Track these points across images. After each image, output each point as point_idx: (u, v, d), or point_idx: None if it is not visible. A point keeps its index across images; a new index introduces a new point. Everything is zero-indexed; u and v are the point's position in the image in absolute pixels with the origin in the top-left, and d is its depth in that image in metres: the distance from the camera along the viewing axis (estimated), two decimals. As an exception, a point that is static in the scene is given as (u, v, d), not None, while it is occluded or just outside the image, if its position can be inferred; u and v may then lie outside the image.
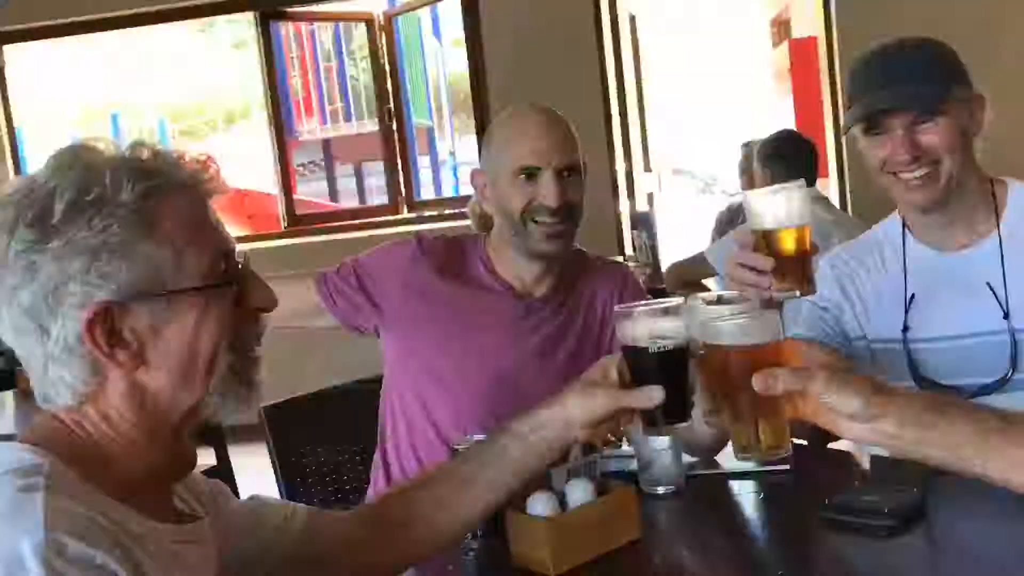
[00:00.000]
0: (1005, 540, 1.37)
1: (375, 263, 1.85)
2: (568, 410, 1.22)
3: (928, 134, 1.60)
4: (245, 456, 3.30)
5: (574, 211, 1.75)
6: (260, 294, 1.01)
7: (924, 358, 1.69)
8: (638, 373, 1.19)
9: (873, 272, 1.78)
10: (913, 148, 1.59)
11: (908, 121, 1.60)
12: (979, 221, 1.68)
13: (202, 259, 0.95)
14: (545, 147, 1.72)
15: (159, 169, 0.96)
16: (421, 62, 9.38)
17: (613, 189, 5.67)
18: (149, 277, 0.92)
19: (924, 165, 1.60)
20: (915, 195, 1.63)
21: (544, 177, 1.72)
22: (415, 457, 1.80)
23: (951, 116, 1.60)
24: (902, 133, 1.60)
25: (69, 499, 0.84)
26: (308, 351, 4.42)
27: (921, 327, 1.70)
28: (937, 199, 1.63)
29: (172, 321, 0.94)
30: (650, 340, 1.16)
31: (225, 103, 11.81)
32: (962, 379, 1.65)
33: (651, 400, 1.16)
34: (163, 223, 0.93)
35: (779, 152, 3.51)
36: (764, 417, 1.08)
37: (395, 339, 1.82)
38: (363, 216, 6.27)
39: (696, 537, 1.51)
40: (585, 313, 1.86)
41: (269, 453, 2.01)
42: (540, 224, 1.73)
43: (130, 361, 0.94)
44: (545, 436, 1.24)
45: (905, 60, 1.63)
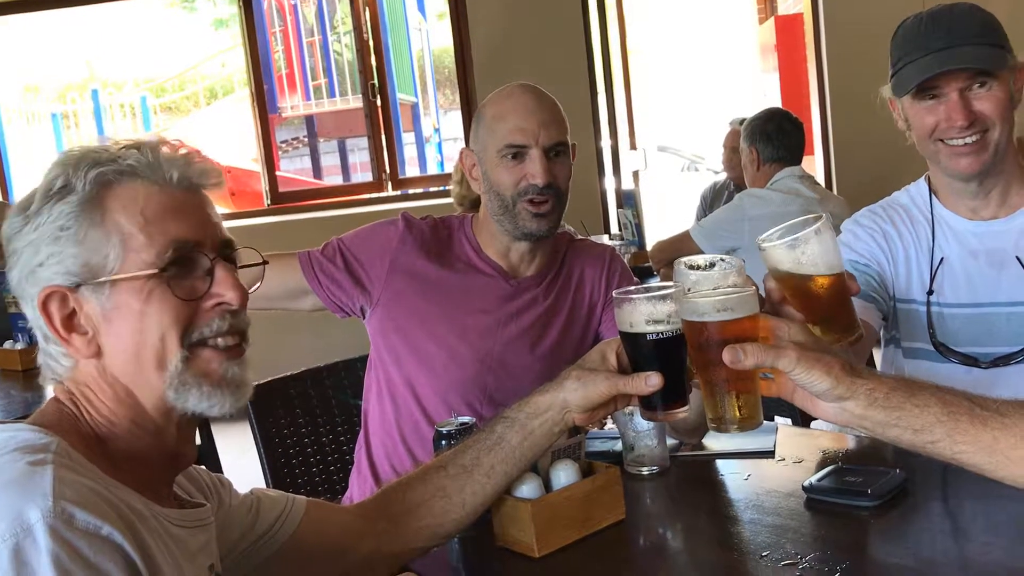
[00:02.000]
0: (986, 519, 1.38)
1: (361, 243, 1.83)
2: (565, 394, 1.22)
3: (982, 99, 1.58)
4: (228, 435, 3.30)
5: (561, 190, 1.74)
6: (223, 289, 0.98)
7: (944, 323, 1.68)
8: (636, 358, 1.18)
9: (904, 234, 1.76)
10: (968, 113, 1.58)
11: (964, 85, 1.58)
12: (1012, 193, 1.68)
13: (150, 248, 0.95)
14: (532, 125, 1.71)
15: (114, 158, 0.96)
16: (405, 37, 9.32)
17: (598, 166, 5.65)
18: (96, 264, 0.94)
19: (976, 131, 1.59)
20: (962, 162, 1.61)
21: (531, 155, 1.71)
22: (400, 437, 1.80)
23: (1003, 82, 1.59)
24: (957, 96, 1.58)
25: (76, 474, 0.85)
26: (291, 331, 4.40)
27: (945, 292, 1.69)
28: (983, 167, 1.62)
29: (119, 308, 0.94)
30: (648, 326, 1.16)
31: (207, 79, 11.68)
32: (980, 347, 1.65)
33: (649, 386, 1.15)
34: (113, 210, 0.94)
35: (763, 130, 3.51)
36: (736, 391, 1.08)
37: (381, 319, 1.81)
38: (347, 193, 6.24)
39: (681, 518, 1.51)
40: (573, 294, 1.85)
41: (252, 433, 2.00)
42: (527, 203, 1.72)
43: (86, 348, 0.95)
44: (543, 422, 1.24)
45: (962, 22, 1.60)
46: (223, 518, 1.12)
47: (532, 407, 1.24)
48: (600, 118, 5.67)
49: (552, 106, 1.76)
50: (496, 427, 1.26)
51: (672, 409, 1.19)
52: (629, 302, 1.16)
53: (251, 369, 1.02)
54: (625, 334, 1.18)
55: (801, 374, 1.03)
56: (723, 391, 1.08)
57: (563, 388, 1.22)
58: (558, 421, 1.24)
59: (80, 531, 0.80)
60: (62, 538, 0.79)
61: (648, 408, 1.20)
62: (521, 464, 1.26)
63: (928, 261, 1.72)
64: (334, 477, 2.05)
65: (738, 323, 1.06)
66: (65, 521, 0.80)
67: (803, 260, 1.18)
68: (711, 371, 1.08)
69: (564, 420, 1.24)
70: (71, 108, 10.29)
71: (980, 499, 1.43)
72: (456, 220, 1.89)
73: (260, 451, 1.98)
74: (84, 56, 11.51)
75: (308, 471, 2.03)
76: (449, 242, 1.85)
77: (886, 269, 1.75)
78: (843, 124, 5.35)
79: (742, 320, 1.07)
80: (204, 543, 1.00)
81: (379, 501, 1.28)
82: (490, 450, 1.25)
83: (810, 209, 3.31)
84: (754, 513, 1.43)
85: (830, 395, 1.04)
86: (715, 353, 1.05)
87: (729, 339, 1.05)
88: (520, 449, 1.25)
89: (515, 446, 1.25)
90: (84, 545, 0.80)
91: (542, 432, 1.24)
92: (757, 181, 3.52)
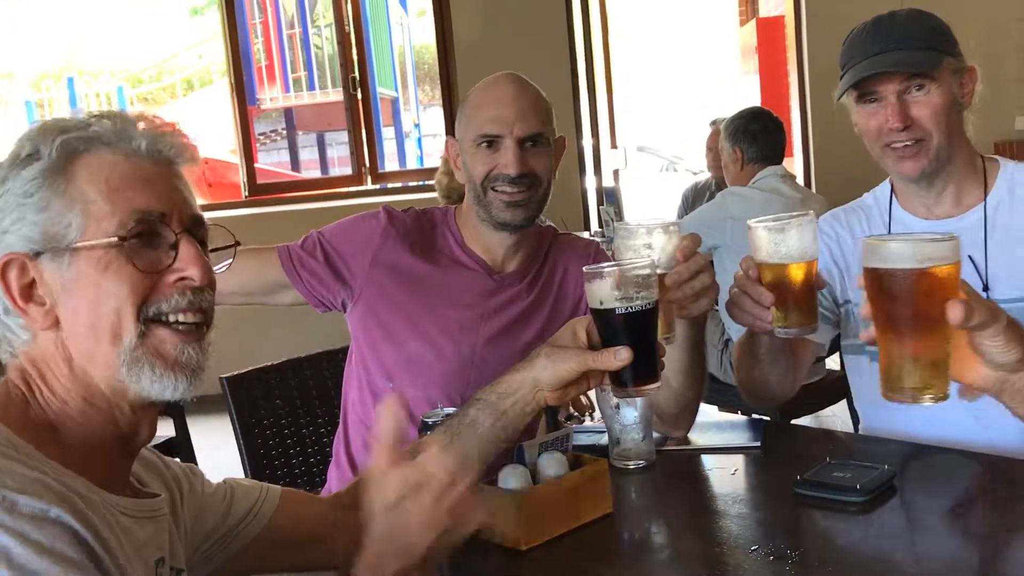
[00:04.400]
0: (973, 514, 1.38)
1: (342, 236, 1.80)
2: (536, 372, 1.22)
3: (919, 103, 1.60)
4: (205, 427, 3.26)
5: (537, 181, 1.71)
6: (186, 264, 0.95)
7: None
8: (607, 334, 1.18)
9: (859, 235, 1.78)
10: (904, 116, 1.60)
11: (901, 88, 1.60)
12: (967, 193, 1.69)
13: (112, 217, 0.92)
14: (507, 115, 1.69)
15: (84, 126, 0.94)
16: (387, 32, 9.27)
17: (580, 165, 5.65)
18: (57, 232, 0.92)
19: (912, 135, 1.61)
20: (905, 165, 1.64)
21: (504, 145, 1.69)
22: (380, 431, 1.77)
23: (942, 85, 1.60)
24: (895, 100, 1.61)
25: (16, 463, 0.83)
26: (271, 321, 4.36)
27: None
28: (926, 169, 1.63)
29: (79, 279, 0.92)
30: (617, 301, 1.15)
31: (185, 69, 11.57)
32: None
33: (619, 360, 1.14)
34: (78, 179, 0.92)
35: (746, 130, 3.51)
36: (934, 355, 1.03)
37: (362, 313, 1.78)
38: (326, 186, 6.20)
39: (667, 512, 1.50)
40: (557, 289, 1.83)
41: (232, 424, 1.97)
42: (500, 192, 1.70)
43: (43, 319, 0.93)
44: (515, 401, 1.23)
45: (898, 27, 1.64)
46: (196, 507, 1.10)
47: (503, 387, 1.24)
48: (582, 117, 5.66)
49: (533, 97, 1.73)
50: (469, 410, 1.26)
51: (643, 385, 1.19)
52: (599, 278, 1.16)
53: (212, 356, 0.99)
54: (595, 310, 1.18)
55: (1000, 340, 1.04)
56: (926, 354, 1.03)
57: (533, 367, 1.22)
58: (530, 400, 1.23)
59: (26, 516, 0.78)
60: (6, 525, 0.77)
61: (619, 384, 1.19)
62: (495, 445, 1.26)
63: None
64: (314, 470, 2.02)
65: (948, 274, 1.00)
66: (8, 509, 0.78)
67: (781, 248, 1.39)
68: (907, 330, 1.00)
69: (536, 399, 1.23)
70: (46, 96, 10.16)
71: (968, 495, 1.43)
72: (439, 212, 1.86)
73: (239, 443, 1.95)
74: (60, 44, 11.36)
75: (287, 463, 2.00)
76: (432, 235, 1.82)
77: (836, 279, 1.78)
78: (823, 125, 5.37)
79: (951, 269, 1.01)
80: (152, 534, 0.97)
81: (355, 489, 1.26)
82: (464, 433, 1.25)
83: (791, 208, 3.32)
84: (742, 508, 1.42)
85: (1013, 365, 1.07)
86: (916, 308, 0.98)
87: (933, 294, 0.99)
88: (494, 430, 1.24)
89: (489, 427, 1.24)
90: (32, 529, 0.78)
91: (515, 412, 1.24)
92: (739, 180, 3.52)
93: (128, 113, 0.97)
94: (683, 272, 1.39)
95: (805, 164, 5.59)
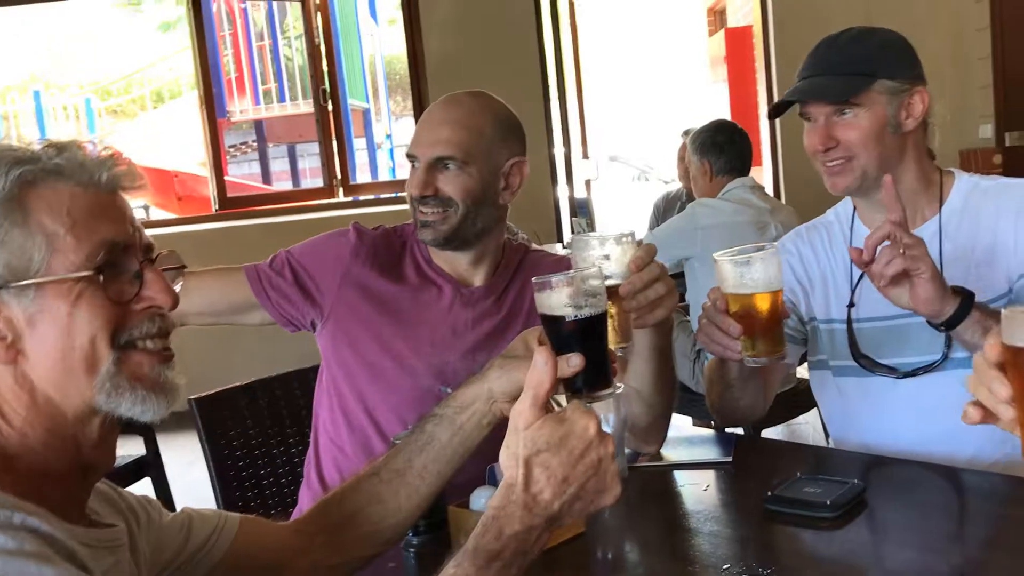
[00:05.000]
0: (944, 528, 1.39)
1: (311, 255, 1.78)
2: (490, 384, 1.22)
3: (844, 126, 1.64)
4: (175, 445, 3.22)
5: (447, 203, 1.70)
6: (154, 292, 0.95)
7: (865, 337, 1.72)
8: (558, 342, 1.18)
9: (820, 254, 1.81)
10: (826, 139, 1.65)
11: (829, 111, 1.65)
12: (921, 208, 1.71)
13: (79, 250, 0.91)
14: (424, 138, 1.72)
15: (37, 157, 0.93)
16: (357, 42, 9.26)
17: (552, 175, 5.66)
18: (20, 265, 0.90)
19: (838, 155, 1.65)
20: (831, 181, 1.68)
21: (418, 166, 1.72)
22: (351, 452, 1.76)
23: (870, 109, 1.63)
24: (823, 121, 1.65)
25: None
26: (240, 340, 4.33)
27: (863, 307, 1.73)
28: (851, 186, 1.67)
29: (45, 311, 0.91)
30: (567, 308, 1.16)
31: (154, 82, 11.48)
32: (899, 358, 1.68)
33: (571, 367, 1.15)
34: (37, 211, 0.91)
35: (714, 142, 3.53)
36: None
37: (332, 334, 1.77)
38: (297, 199, 6.17)
39: (640, 530, 1.50)
40: (528, 304, 1.83)
41: (201, 444, 1.94)
42: (416, 211, 1.73)
43: (5, 352, 0.91)
44: (471, 415, 1.23)
45: (832, 52, 1.68)
46: (154, 538, 1.09)
47: (459, 401, 1.24)
48: (553, 127, 5.68)
49: (460, 119, 1.72)
50: (426, 426, 1.25)
51: (597, 391, 1.19)
52: (548, 287, 1.17)
53: (181, 375, 0.99)
54: (545, 317, 1.19)
55: None
56: None
57: (487, 378, 1.22)
58: (486, 413, 1.23)
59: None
60: None
61: (573, 391, 1.20)
62: (454, 461, 1.24)
63: (847, 278, 1.75)
64: (285, 490, 2.00)
65: None
66: None
67: (747, 280, 1.45)
68: None
69: (492, 411, 1.23)
70: (11, 109, 10.04)
71: (937, 508, 1.45)
72: (410, 228, 1.86)
73: (209, 464, 1.92)
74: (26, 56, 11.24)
75: (259, 484, 1.98)
76: (401, 252, 1.81)
77: (800, 298, 1.80)
78: (791, 134, 5.42)
79: None
80: (111, 565, 0.96)
81: (315, 514, 1.25)
82: (421, 450, 1.23)
83: (761, 219, 3.35)
84: (714, 525, 1.42)
85: None
86: None
87: None
88: (451, 446, 1.23)
89: (445, 443, 1.23)
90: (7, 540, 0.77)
91: (471, 426, 1.23)
92: (709, 192, 3.53)
93: (70, 142, 0.96)
94: (636, 282, 1.40)
95: (774, 174, 5.64)
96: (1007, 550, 1.27)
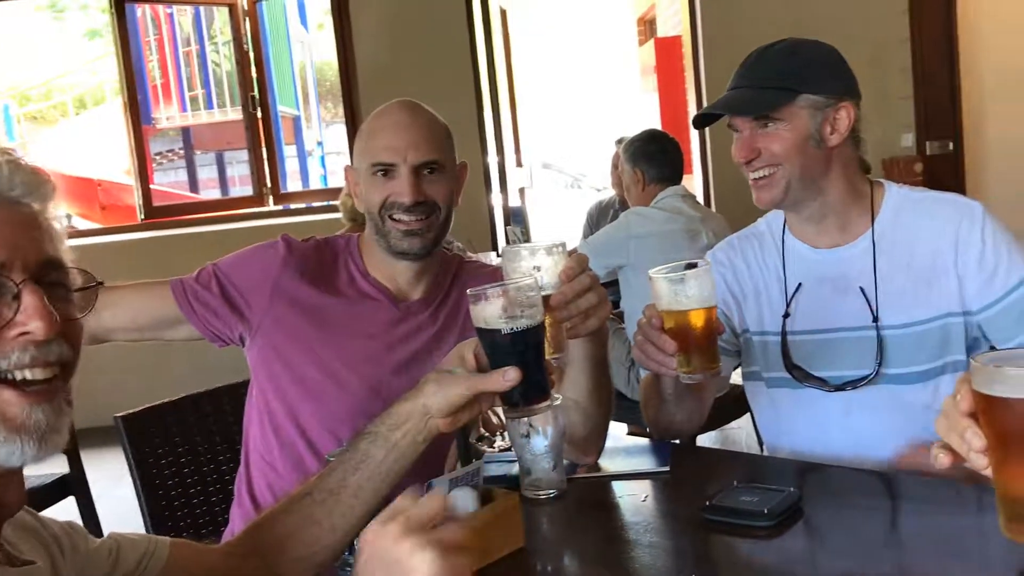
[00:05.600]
0: (878, 533, 1.41)
1: (239, 268, 1.74)
2: (425, 399, 1.19)
3: (767, 138, 1.65)
4: (101, 462, 3.12)
5: (435, 209, 1.70)
6: (26, 318, 0.86)
7: (797, 350, 1.73)
8: (494, 355, 1.17)
9: (753, 265, 1.82)
10: (749, 151, 1.66)
11: (752, 124, 1.66)
12: (852, 222, 1.72)
13: None
14: (401, 144, 1.68)
15: None
16: (287, 48, 9.14)
17: (486, 183, 5.65)
18: None
19: (761, 168, 1.66)
20: (757, 194, 1.69)
21: (399, 173, 1.67)
22: (283, 470, 1.71)
23: (792, 122, 1.64)
24: (748, 134, 1.66)
25: None
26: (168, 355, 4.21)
27: (797, 319, 1.74)
28: (777, 200, 1.68)
29: None
30: (502, 321, 1.14)
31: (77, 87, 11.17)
32: (831, 371, 1.70)
33: (507, 381, 1.13)
34: None
35: (645, 151, 3.57)
36: None
37: (262, 348, 1.72)
38: (226, 208, 6.05)
39: (580, 543, 1.49)
40: (463, 317, 1.81)
41: (127, 463, 1.88)
42: (397, 221, 1.68)
43: None
44: (405, 432, 1.20)
45: (760, 64, 1.68)
46: (79, 566, 1.04)
47: (393, 418, 1.21)
48: (487, 135, 5.67)
49: (428, 124, 1.72)
50: (360, 444, 1.21)
51: (534, 404, 1.18)
52: (483, 299, 1.15)
53: (67, 414, 0.89)
54: (481, 330, 1.17)
55: None
56: None
57: (422, 394, 1.19)
58: (421, 429, 1.20)
59: None
60: None
61: (510, 405, 1.19)
62: (389, 479, 1.21)
63: (780, 290, 1.77)
64: (216, 509, 1.95)
65: None
66: None
67: (681, 297, 1.45)
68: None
69: (428, 427, 1.20)
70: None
71: (872, 514, 1.46)
72: (342, 241, 1.82)
73: (136, 485, 1.86)
74: (-61, 61, 10.84)
75: (188, 503, 1.93)
76: (334, 264, 1.78)
77: (733, 310, 1.81)
78: (721, 144, 5.49)
79: None
80: None
81: (248, 537, 1.21)
82: (355, 469, 1.20)
83: (692, 227, 3.39)
84: (653, 536, 1.42)
85: None
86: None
87: None
88: (386, 463, 1.20)
89: (380, 461, 1.20)
90: None
91: (407, 443, 1.20)
92: (641, 201, 3.56)
93: None
94: (568, 292, 1.40)
95: (704, 182, 5.71)
96: (942, 553, 1.29)
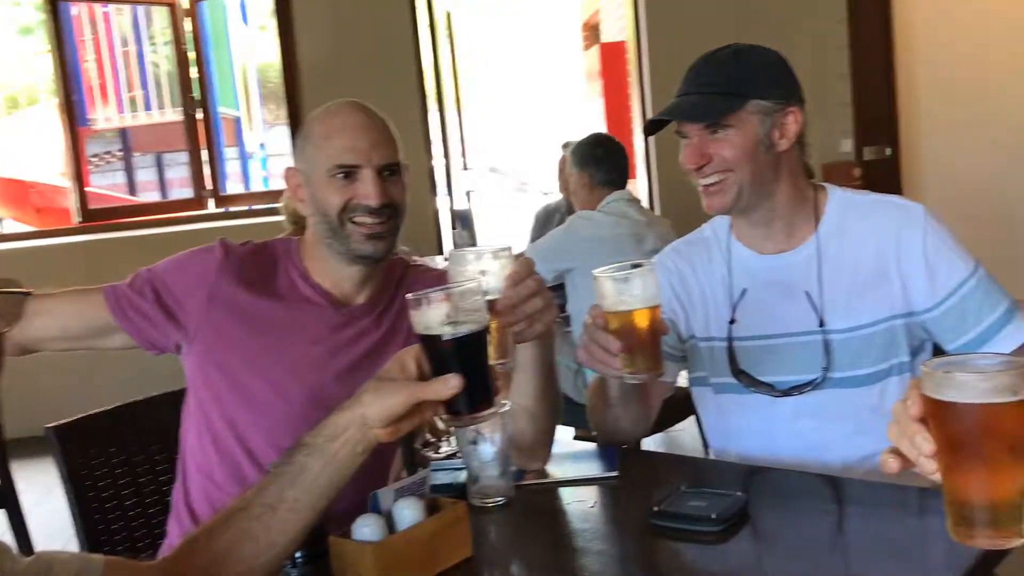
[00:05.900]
0: (824, 537, 1.42)
1: (174, 274, 1.68)
2: (364, 409, 1.15)
3: (717, 144, 1.65)
4: (30, 473, 3.02)
5: (397, 211, 1.68)
6: None
7: (744, 355, 1.73)
8: (436, 362, 1.14)
9: (699, 271, 1.82)
10: (700, 157, 1.65)
11: (701, 130, 1.65)
12: (798, 227, 1.73)
13: None
14: (364, 145, 1.64)
15: None
16: (227, 49, 8.98)
17: (431, 186, 5.61)
18: None
19: (713, 173, 1.66)
20: (708, 200, 1.69)
21: (363, 176, 1.63)
22: (222, 481, 1.67)
23: (741, 127, 1.64)
24: (696, 140, 1.66)
25: None
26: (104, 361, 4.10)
27: (743, 325, 1.74)
28: (728, 206, 1.68)
29: None
30: (445, 327, 1.11)
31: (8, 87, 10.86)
32: (778, 376, 1.71)
33: (449, 389, 1.10)
34: None
35: (592, 155, 3.58)
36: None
37: (199, 356, 1.67)
38: (165, 211, 5.93)
39: (528, 552, 1.47)
40: (408, 323, 1.78)
41: (61, 476, 1.82)
42: (359, 224, 1.64)
43: None
44: (343, 443, 1.16)
45: (708, 70, 1.68)
46: None
47: (330, 429, 1.17)
48: (432, 137, 5.64)
49: (384, 125, 1.69)
50: (296, 456, 1.17)
51: (478, 411, 1.15)
52: (425, 304, 1.12)
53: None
54: (422, 337, 1.14)
55: None
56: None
57: (360, 403, 1.16)
58: (360, 440, 1.16)
59: None
60: None
61: (453, 413, 1.15)
62: (329, 492, 1.17)
63: (727, 296, 1.77)
64: (154, 521, 1.89)
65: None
66: None
67: (626, 296, 1.44)
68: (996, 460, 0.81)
69: (367, 438, 1.16)
70: None
71: (819, 517, 1.47)
72: (281, 244, 1.78)
73: (69, 497, 1.80)
74: None
75: (124, 516, 1.86)
76: (273, 269, 1.73)
77: (680, 316, 1.81)
78: (666, 148, 5.53)
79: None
80: None
81: (183, 554, 1.16)
82: (292, 482, 1.16)
83: (638, 232, 3.41)
84: (601, 543, 1.41)
85: None
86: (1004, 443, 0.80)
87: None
88: (324, 476, 1.16)
89: (318, 474, 1.16)
90: None
91: (345, 454, 1.16)
92: (588, 204, 3.57)
93: None
94: (513, 297, 1.38)
95: (648, 187, 5.75)
96: (888, 556, 1.30)
